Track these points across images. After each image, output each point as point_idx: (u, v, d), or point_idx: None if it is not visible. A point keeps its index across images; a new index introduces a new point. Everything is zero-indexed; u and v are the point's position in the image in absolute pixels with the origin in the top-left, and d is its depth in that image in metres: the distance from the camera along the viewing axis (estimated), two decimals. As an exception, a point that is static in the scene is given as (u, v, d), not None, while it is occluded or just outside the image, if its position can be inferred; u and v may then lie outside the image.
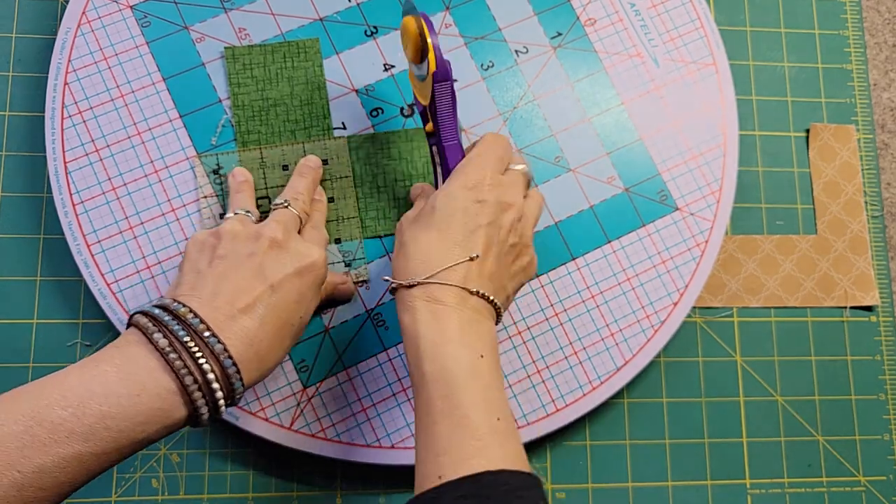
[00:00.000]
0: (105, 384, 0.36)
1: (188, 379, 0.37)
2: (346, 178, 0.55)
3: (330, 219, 0.54)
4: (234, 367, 0.39)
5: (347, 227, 0.54)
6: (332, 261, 0.54)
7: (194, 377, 0.38)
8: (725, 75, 0.60)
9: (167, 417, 0.37)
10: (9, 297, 0.54)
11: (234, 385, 0.39)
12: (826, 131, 0.62)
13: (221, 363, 0.38)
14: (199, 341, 0.38)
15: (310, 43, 0.56)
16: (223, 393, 0.39)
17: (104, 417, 0.35)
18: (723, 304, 0.59)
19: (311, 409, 0.52)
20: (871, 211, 0.61)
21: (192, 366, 0.38)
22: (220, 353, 0.38)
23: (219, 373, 0.38)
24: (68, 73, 0.55)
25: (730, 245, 0.60)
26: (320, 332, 0.54)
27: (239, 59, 0.55)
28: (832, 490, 0.57)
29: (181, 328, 0.38)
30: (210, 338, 0.38)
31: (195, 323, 0.39)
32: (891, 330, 0.60)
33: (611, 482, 0.56)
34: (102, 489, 0.53)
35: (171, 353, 0.37)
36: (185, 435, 0.54)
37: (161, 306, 0.40)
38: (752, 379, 0.58)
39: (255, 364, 0.40)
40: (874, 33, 0.65)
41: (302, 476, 0.54)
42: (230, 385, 0.39)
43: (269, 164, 0.54)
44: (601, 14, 0.60)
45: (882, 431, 0.58)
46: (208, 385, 0.38)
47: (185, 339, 0.38)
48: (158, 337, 0.38)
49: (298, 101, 0.55)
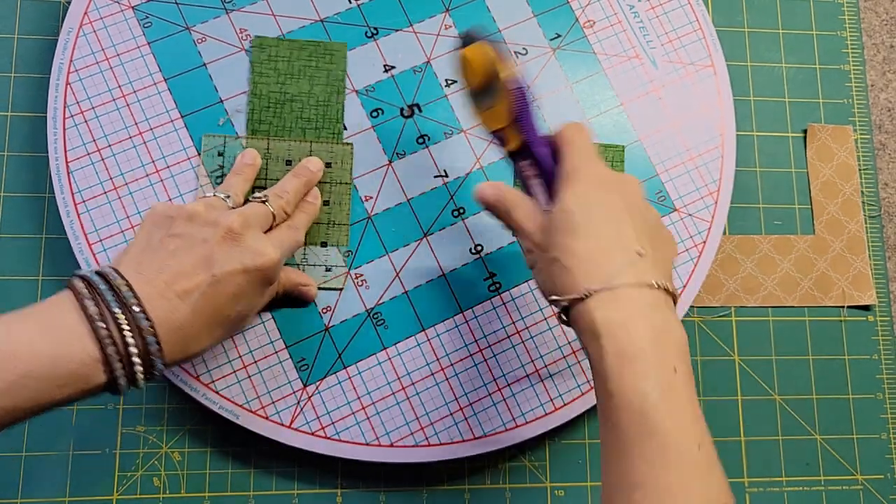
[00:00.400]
0: (30, 344, 0.36)
1: (111, 349, 0.37)
2: (344, 185, 0.55)
3: (321, 221, 0.54)
4: (157, 346, 0.39)
5: (336, 233, 0.54)
6: (314, 262, 0.54)
7: (117, 348, 0.38)
8: (723, 76, 0.60)
9: (86, 383, 0.37)
10: (11, 296, 0.55)
11: (154, 363, 0.39)
12: (823, 132, 0.62)
13: (145, 340, 0.38)
14: (128, 315, 0.38)
15: (338, 46, 0.57)
16: (142, 368, 0.39)
17: (25, 376, 0.36)
18: (721, 303, 0.59)
19: (311, 408, 0.53)
20: (868, 211, 0.61)
21: (118, 337, 0.38)
22: (146, 329, 0.38)
23: (141, 348, 0.38)
24: (70, 73, 0.55)
25: (728, 245, 0.60)
26: (320, 332, 0.54)
27: (266, 49, 0.56)
28: (830, 489, 0.57)
29: (114, 299, 0.38)
30: (139, 313, 0.38)
31: (128, 296, 0.38)
32: (888, 329, 0.60)
33: (609, 481, 0.56)
34: (104, 487, 0.53)
35: (99, 322, 0.37)
36: (186, 434, 0.54)
37: (101, 273, 0.39)
38: (750, 378, 0.58)
39: (179, 347, 0.40)
40: (872, 34, 0.66)
41: (302, 474, 0.54)
42: (150, 362, 0.39)
43: (274, 156, 0.54)
44: (600, 16, 0.60)
45: (880, 430, 0.58)
46: (129, 358, 0.38)
47: (114, 310, 0.38)
48: (90, 304, 0.38)
49: (315, 100, 0.56)
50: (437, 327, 0.54)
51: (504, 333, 0.55)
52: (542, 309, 0.55)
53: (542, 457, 0.56)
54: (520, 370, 0.54)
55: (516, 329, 0.55)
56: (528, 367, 0.54)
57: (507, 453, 0.55)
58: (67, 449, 0.53)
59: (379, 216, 0.56)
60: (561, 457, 0.56)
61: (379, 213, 0.56)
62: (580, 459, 0.56)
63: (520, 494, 0.55)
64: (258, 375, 0.53)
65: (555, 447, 0.56)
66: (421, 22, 0.58)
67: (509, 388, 0.54)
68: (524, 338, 0.55)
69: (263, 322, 0.53)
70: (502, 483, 0.55)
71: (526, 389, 0.54)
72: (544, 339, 0.55)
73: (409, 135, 0.57)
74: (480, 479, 0.55)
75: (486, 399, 0.54)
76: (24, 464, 0.53)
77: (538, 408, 0.54)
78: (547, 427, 0.54)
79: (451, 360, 0.54)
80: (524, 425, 0.54)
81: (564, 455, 0.56)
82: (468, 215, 0.56)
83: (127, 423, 0.54)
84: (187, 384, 0.52)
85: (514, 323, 0.55)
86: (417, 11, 0.59)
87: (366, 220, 0.56)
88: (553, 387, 0.54)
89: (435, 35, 0.58)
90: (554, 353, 0.55)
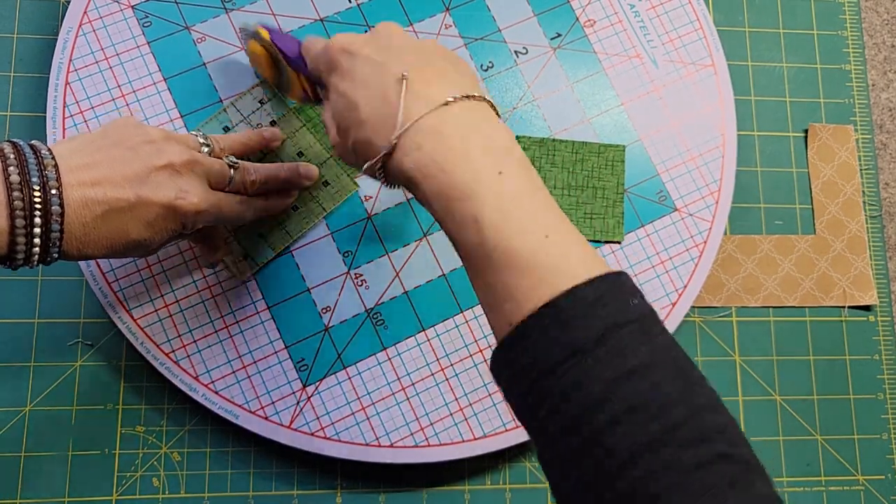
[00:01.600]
0: None
1: (19, 221, 0.38)
2: (320, 208, 0.55)
3: (279, 217, 0.54)
4: (59, 235, 0.39)
5: (277, 236, 0.54)
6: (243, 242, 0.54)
7: (25, 223, 0.38)
8: (724, 76, 0.60)
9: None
10: (9, 296, 0.55)
11: (51, 250, 0.39)
12: (824, 131, 0.62)
13: (50, 225, 0.38)
14: (44, 195, 0.38)
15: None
16: (39, 250, 0.39)
17: None
18: (722, 303, 0.59)
19: (310, 408, 0.53)
20: (869, 211, 0.61)
21: (28, 213, 0.38)
22: (55, 215, 0.38)
23: (44, 232, 0.39)
24: (70, 72, 0.55)
25: (728, 245, 0.60)
26: (320, 332, 0.54)
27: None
28: (831, 489, 0.57)
29: (37, 176, 0.38)
30: (54, 197, 0.38)
31: (51, 177, 0.38)
32: (889, 329, 0.60)
33: (610, 481, 0.56)
34: (103, 488, 0.53)
35: (17, 192, 0.37)
36: (185, 434, 0.54)
37: (33, 146, 0.39)
38: (751, 378, 0.58)
39: (76, 245, 0.40)
40: (873, 34, 0.66)
41: (302, 475, 0.54)
42: (47, 247, 0.39)
43: (286, 151, 0.54)
44: (601, 15, 0.60)
45: (880, 431, 0.58)
46: (31, 238, 0.38)
47: (33, 187, 0.38)
48: (13, 171, 0.38)
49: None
50: (437, 327, 0.54)
51: (504, 333, 0.55)
52: (542, 309, 0.55)
53: (543, 457, 0.56)
54: (520, 370, 0.54)
55: (516, 329, 0.55)
56: (529, 367, 0.54)
57: (507, 454, 0.55)
58: (67, 449, 0.53)
59: (379, 216, 0.56)
60: (561, 457, 0.56)
61: (379, 213, 0.56)
62: (580, 460, 0.56)
63: (520, 495, 0.55)
64: (258, 376, 0.53)
65: (555, 447, 0.56)
66: (421, 21, 0.58)
67: (509, 389, 0.54)
68: (524, 338, 0.55)
69: (263, 322, 0.53)
70: (502, 484, 0.55)
71: (526, 390, 0.54)
72: (544, 339, 0.55)
73: (409, 134, 0.57)
74: (480, 480, 0.55)
75: (486, 399, 0.54)
76: (23, 464, 0.53)
77: (538, 408, 0.54)
78: (547, 427, 0.54)
79: (451, 361, 0.54)
80: (524, 426, 0.53)
81: (565, 455, 0.56)
82: (468, 215, 0.56)
83: (126, 424, 0.54)
84: (187, 384, 0.52)
85: (514, 323, 0.55)
86: (417, 11, 0.58)
87: (366, 219, 0.55)
88: (553, 387, 0.54)
89: (435, 34, 0.58)
90: (554, 354, 0.55)
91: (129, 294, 0.53)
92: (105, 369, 0.54)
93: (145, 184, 0.41)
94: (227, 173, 0.47)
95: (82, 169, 0.40)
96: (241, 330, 0.53)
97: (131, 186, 0.41)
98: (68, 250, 0.40)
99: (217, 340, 0.53)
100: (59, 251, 0.40)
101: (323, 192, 0.55)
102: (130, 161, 0.42)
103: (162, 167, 0.42)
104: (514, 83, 0.58)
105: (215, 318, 0.53)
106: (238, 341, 0.53)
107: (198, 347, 0.53)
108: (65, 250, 0.40)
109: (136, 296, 0.53)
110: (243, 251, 0.54)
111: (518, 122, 0.58)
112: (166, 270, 0.53)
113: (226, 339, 0.53)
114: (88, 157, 0.41)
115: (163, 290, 0.53)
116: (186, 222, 0.44)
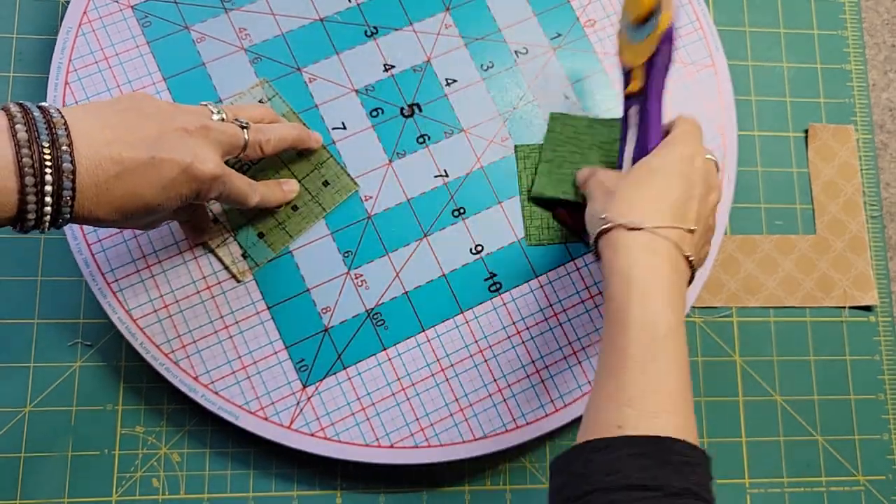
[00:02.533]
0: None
1: (29, 180, 0.37)
2: (320, 208, 0.55)
3: (279, 218, 0.54)
4: (71, 194, 0.38)
5: (276, 236, 0.54)
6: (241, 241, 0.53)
7: (35, 181, 0.37)
8: (724, 76, 0.60)
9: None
10: (9, 296, 0.55)
11: (62, 210, 0.38)
12: (825, 132, 0.62)
13: (62, 183, 0.38)
14: (54, 152, 0.37)
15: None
16: (51, 209, 0.38)
17: None
18: (722, 303, 0.59)
19: (310, 409, 0.52)
20: (869, 211, 0.61)
21: (38, 170, 0.37)
22: (67, 173, 0.37)
23: (56, 191, 0.38)
24: (69, 72, 0.55)
25: (729, 245, 0.60)
26: (320, 332, 0.54)
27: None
28: (831, 490, 0.57)
29: (46, 133, 0.37)
30: (66, 154, 0.37)
31: (61, 135, 0.38)
32: (890, 330, 0.60)
33: (610, 482, 0.56)
34: (103, 489, 0.53)
35: (25, 149, 0.37)
36: (185, 435, 0.54)
37: (42, 108, 0.39)
38: (752, 379, 0.58)
39: (89, 205, 0.39)
40: (873, 33, 0.65)
41: (302, 475, 0.54)
42: (59, 207, 0.38)
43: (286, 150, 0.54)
44: (601, 15, 0.60)
45: (881, 431, 0.58)
46: (42, 196, 0.37)
47: (43, 144, 0.37)
48: (21, 128, 0.37)
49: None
50: (437, 328, 0.54)
51: (504, 334, 0.55)
52: (542, 309, 0.55)
53: (543, 457, 0.56)
54: (520, 370, 0.54)
55: (516, 329, 0.55)
56: (529, 367, 0.54)
57: (508, 454, 0.55)
58: (66, 450, 0.53)
59: (379, 216, 0.56)
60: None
61: (379, 213, 0.56)
62: (581, 460, 0.56)
63: (520, 495, 0.55)
64: (257, 376, 0.53)
65: (555, 448, 0.56)
66: (421, 21, 0.58)
67: (509, 389, 0.54)
68: (524, 338, 0.55)
69: (263, 322, 0.53)
70: (502, 484, 0.55)
71: (526, 390, 0.54)
72: (544, 339, 0.55)
73: (409, 134, 0.57)
74: (480, 481, 0.55)
75: (486, 400, 0.54)
76: (23, 464, 0.53)
77: (538, 409, 0.54)
78: (548, 428, 0.54)
79: (451, 361, 0.54)
80: (524, 426, 0.53)
81: (565, 456, 0.56)
82: (468, 215, 0.56)
83: (126, 424, 0.54)
84: (187, 385, 0.52)
85: (514, 323, 0.55)
86: (417, 10, 0.58)
87: (366, 220, 0.55)
88: (553, 387, 0.54)
89: (435, 34, 0.58)
90: (554, 354, 0.55)
91: (128, 294, 0.53)
92: (105, 370, 0.54)
93: (160, 145, 0.41)
94: (240, 135, 0.46)
95: (95, 129, 0.39)
96: (240, 330, 0.53)
97: (146, 147, 0.40)
98: (80, 212, 0.39)
99: (217, 341, 0.53)
100: (70, 211, 0.39)
101: (323, 192, 0.55)
102: (144, 123, 0.41)
103: (175, 129, 0.42)
104: (514, 83, 0.58)
105: (215, 319, 0.53)
106: (238, 341, 0.53)
107: (197, 348, 0.53)
108: (76, 212, 0.39)
109: (135, 296, 0.53)
110: (242, 251, 0.54)
111: (518, 122, 0.58)
112: (166, 271, 0.53)
113: (225, 340, 0.53)
114: (101, 119, 0.40)
115: (162, 290, 0.53)
116: (202, 188, 0.43)
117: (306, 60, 0.57)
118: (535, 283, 0.55)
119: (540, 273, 0.56)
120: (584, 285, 0.56)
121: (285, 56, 0.57)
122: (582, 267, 0.56)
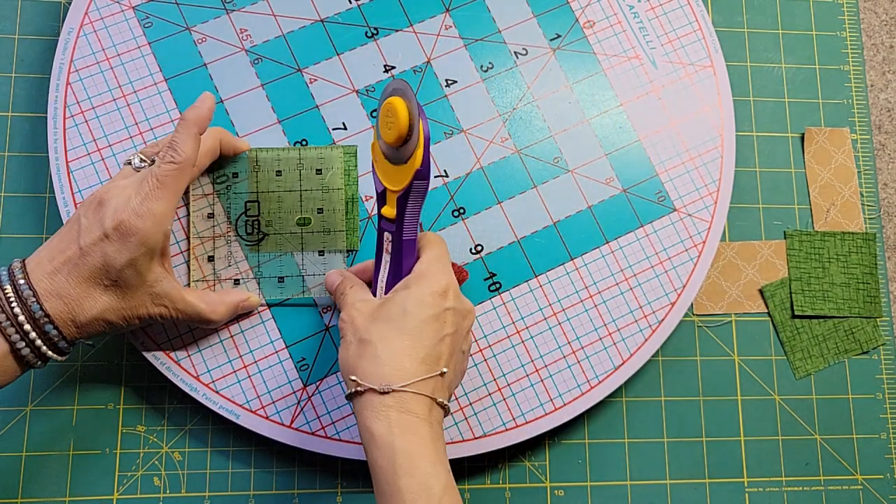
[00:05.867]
0: None
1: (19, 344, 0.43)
2: (337, 191, 0.54)
3: (316, 230, 0.54)
4: (56, 331, 0.44)
5: (333, 240, 0.54)
6: (312, 272, 0.54)
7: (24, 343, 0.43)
8: (723, 77, 0.60)
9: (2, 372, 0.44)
10: (11, 296, 0.55)
11: (59, 344, 0.45)
12: (820, 135, 0.62)
13: (43, 328, 0.44)
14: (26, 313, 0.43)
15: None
16: (46, 348, 0.44)
17: None
18: (723, 310, 0.59)
19: (311, 408, 0.53)
20: (868, 212, 0.61)
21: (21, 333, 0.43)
22: (41, 318, 0.43)
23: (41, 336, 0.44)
24: (70, 73, 0.55)
25: (728, 251, 0.60)
26: (320, 331, 0.54)
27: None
28: (830, 488, 0.57)
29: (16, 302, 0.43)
30: (34, 304, 0.43)
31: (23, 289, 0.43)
32: (888, 330, 0.60)
33: (609, 480, 0.56)
34: (104, 487, 0.53)
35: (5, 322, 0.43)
36: (186, 434, 0.54)
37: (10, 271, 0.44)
38: (750, 378, 0.58)
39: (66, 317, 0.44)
40: (871, 35, 0.66)
41: (302, 474, 0.54)
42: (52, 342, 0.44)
43: (263, 168, 0.54)
44: (600, 16, 0.60)
45: (879, 430, 0.58)
46: (33, 343, 0.44)
47: (15, 311, 0.43)
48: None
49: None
50: (437, 327, 0.54)
51: (504, 333, 0.55)
52: (541, 309, 0.55)
53: (542, 457, 0.56)
54: (520, 370, 0.54)
55: (516, 329, 0.55)
56: (529, 366, 0.55)
57: (507, 453, 0.55)
58: (68, 449, 0.53)
59: (379, 216, 0.56)
60: (561, 457, 0.56)
61: (379, 213, 0.56)
62: (580, 459, 0.56)
63: (520, 494, 0.55)
64: (258, 375, 0.53)
65: (555, 447, 0.56)
66: (421, 22, 0.59)
67: (509, 388, 0.54)
68: (524, 338, 0.55)
69: (264, 322, 0.53)
70: (502, 483, 0.55)
71: (526, 389, 0.54)
72: (544, 339, 0.55)
73: (410, 135, 0.57)
74: (480, 479, 0.55)
75: (486, 399, 0.54)
76: (24, 463, 0.53)
77: (538, 408, 0.54)
78: (547, 427, 0.54)
79: (451, 360, 0.54)
80: (524, 425, 0.54)
81: (564, 455, 0.56)
82: (468, 215, 0.56)
83: (127, 423, 0.54)
84: (187, 384, 0.52)
85: (514, 323, 0.55)
86: (417, 11, 0.59)
87: (366, 220, 0.56)
88: (553, 387, 0.54)
89: (435, 35, 0.58)
90: (554, 353, 0.55)
91: (129, 294, 0.53)
92: (106, 369, 0.55)
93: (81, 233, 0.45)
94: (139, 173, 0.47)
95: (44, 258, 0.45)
96: (241, 329, 0.53)
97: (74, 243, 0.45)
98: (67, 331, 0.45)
99: (218, 340, 0.53)
100: (63, 339, 0.45)
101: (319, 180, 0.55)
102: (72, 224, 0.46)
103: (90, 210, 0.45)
104: (514, 84, 0.58)
105: (216, 318, 0.53)
106: (239, 341, 0.53)
107: (198, 347, 0.53)
108: (66, 333, 0.45)
109: (136, 296, 0.53)
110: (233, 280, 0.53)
111: (517, 122, 0.58)
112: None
113: (226, 339, 0.53)
114: (50, 243, 0.46)
115: (163, 289, 0.53)
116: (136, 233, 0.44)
117: (307, 61, 0.57)
118: (535, 282, 0.56)
119: (539, 273, 0.56)
120: (584, 284, 0.56)
121: (286, 57, 0.57)
122: (581, 267, 0.56)
